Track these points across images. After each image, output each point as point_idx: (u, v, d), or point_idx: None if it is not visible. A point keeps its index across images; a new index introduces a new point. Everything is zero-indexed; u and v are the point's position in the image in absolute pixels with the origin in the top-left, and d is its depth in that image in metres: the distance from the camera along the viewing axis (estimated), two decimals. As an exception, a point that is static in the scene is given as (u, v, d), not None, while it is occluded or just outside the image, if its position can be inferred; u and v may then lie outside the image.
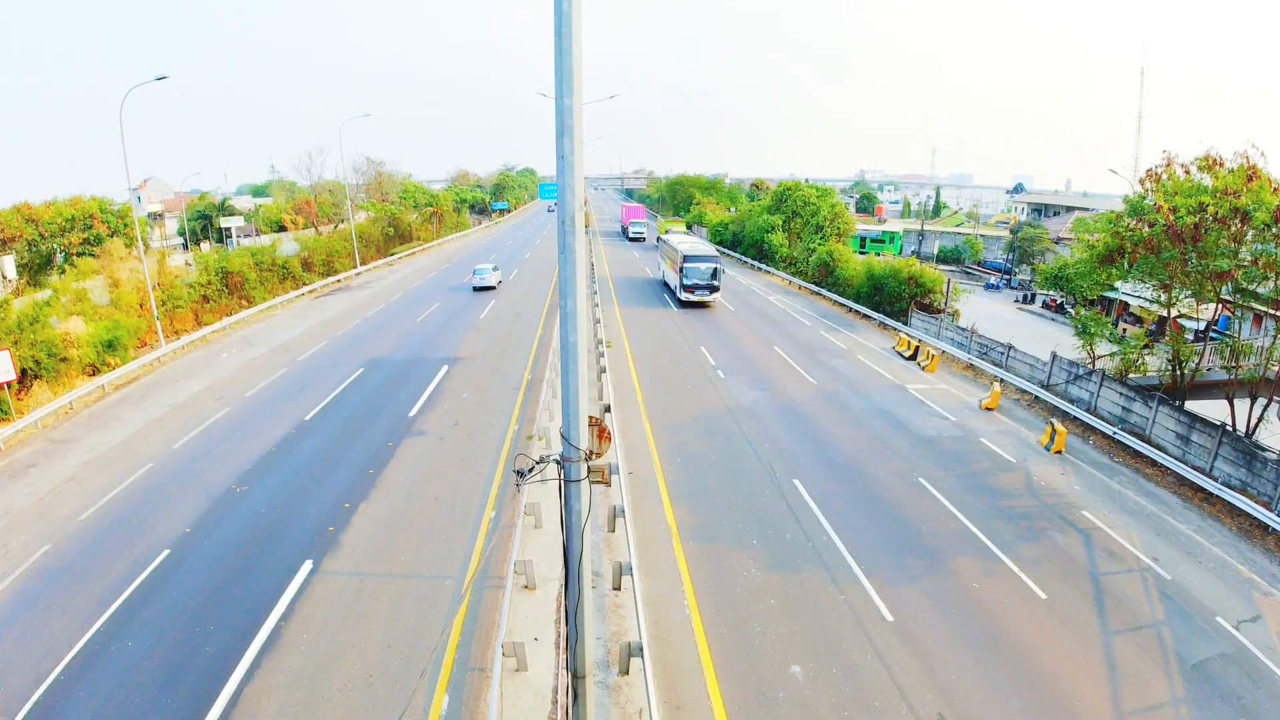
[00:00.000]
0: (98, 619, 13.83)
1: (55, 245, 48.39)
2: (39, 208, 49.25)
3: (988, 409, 26.69)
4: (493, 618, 13.70)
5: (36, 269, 47.89)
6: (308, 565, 15.56)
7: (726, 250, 75.93)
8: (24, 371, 26.54)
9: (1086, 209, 73.50)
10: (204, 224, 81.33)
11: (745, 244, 69.99)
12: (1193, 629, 14.07)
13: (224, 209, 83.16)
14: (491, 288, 50.47)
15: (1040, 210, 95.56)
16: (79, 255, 46.09)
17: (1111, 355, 28.08)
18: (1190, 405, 24.00)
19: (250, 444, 22.25)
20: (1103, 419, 24.72)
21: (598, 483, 7.90)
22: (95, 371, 29.54)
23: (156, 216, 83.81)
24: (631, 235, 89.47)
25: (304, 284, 50.62)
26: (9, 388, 24.86)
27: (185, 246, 76.10)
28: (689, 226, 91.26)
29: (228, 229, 76.09)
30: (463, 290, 50.55)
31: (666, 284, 51.68)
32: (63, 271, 44.59)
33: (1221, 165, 22.69)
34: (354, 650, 12.93)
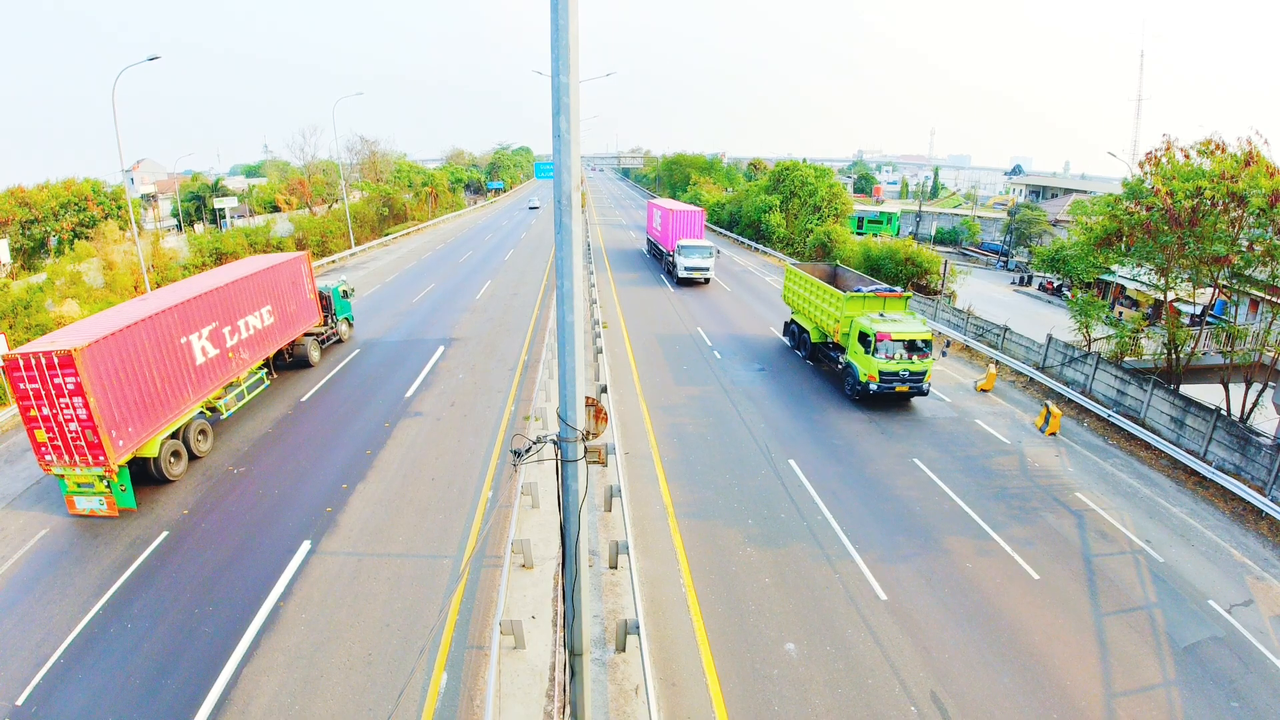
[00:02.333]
0: (97, 602, 13.88)
1: (49, 228, 48.03)
2: (32, 191, 48.82)
3: (983, 390, 26.78)
4: (490, 596, 13.79)
5: (30, 252, 47.58)
6: (306, 546, 15.63)
7: (723, 230, 75.69)
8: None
9: (1085, 191, 73.33)
10: (198, 205, 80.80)
11: (742, 224, 69.79)
12: (1185, 612, 14.22)
13: (217, 190, 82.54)
14: (537, 207, 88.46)
15: (1038, 192, 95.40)
16: (73, 238, 45.76)
17: (1107, 338, 28.14)
18: (1185, 389, 24.09)
19: (247, 425, 22.23)
20: (1098, 402, 24.83)
21: (594, 463, 7.92)
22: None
23: (150, 198, 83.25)
24: (683, 274, 45.52)
25: (299, 265, 50.31)
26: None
27: (179, 228, 75.69)
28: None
29: (221, 210, 75.61)
30: (459, 270, 50.43)
31: None
32: (60, 253, 44.34)
33: (1222, 150, 22.61)
34: (353, 629, 13.02)
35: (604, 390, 23.91)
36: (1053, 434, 22.65)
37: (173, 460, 18.72)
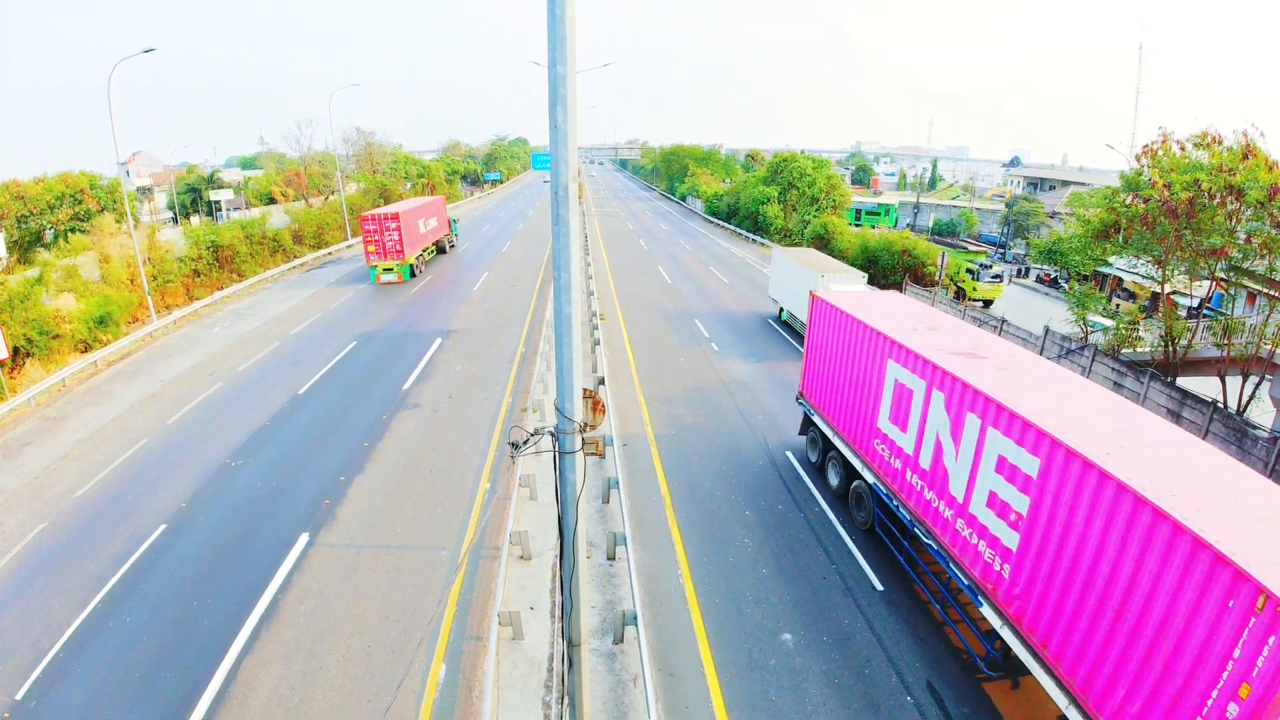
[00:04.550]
0: (95, 595, 13.91)
1: (45, 222, 47.77)
2: (28, 184, 48.50)
3: (981, 383, 26.73)
4: (489, 588, 13.83)
5: (26, 246, 47.33)
6: (304, 538, 15.65)
7: (721, 222, 75.59)
8: (16, 349, 26.37)
9: (1083, 184, 73.29)
10: (193, 197, 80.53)
11: (740, 215, 69.70)
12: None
13: (213, 182, 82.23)
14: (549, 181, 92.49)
15: (1036, 184, 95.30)
16: (69, 231, 45.53)
17: (1104, 330, 28.17)
18: (1182, 381, 24.14)
19: (245, 418, 22.23)
20: (1094, 392, 24.79)
21: (592, 455, 7.91)
22: (87, 348, 29.36)
23: (146, 191, 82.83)
24: None
25: (295, 257, 50.25)
26: (2, 366, 24.70)
27: (175, 220, 75.39)
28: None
29: (217, 202, 75.38)
30: (456, 262, 50.33)
31: None
32: (55, 247, 44.14)
33: (1219, 143, 22.60)
34: (351, 621, 13.06)
35: (601, 382, 23.92)
36: (1049, 425, 22.64)
37: (416, 267, 45.63)
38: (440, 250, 54.58)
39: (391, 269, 42.98)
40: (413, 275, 44.70)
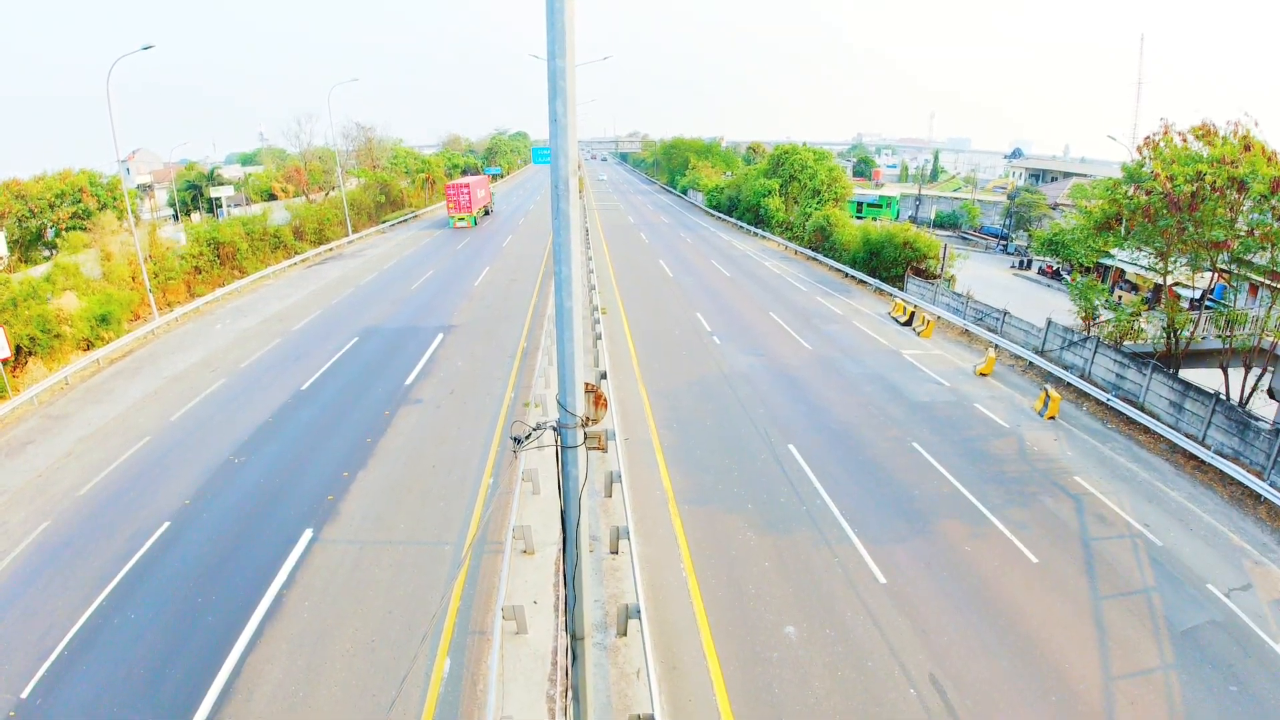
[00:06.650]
0: (100, 593, 13.93)
1: (45, 220, 47.74)
2: (28, 183, 48.44)
3: (982, 375, 26.79)
4: (492, 582, 13.85)
5: (27, 245, 47.33)
6: (308, 534, 15.68)
7: (722, 215, 75.47)
8: (18, 348, 26.39)
9: (1084, 175, 73.03)
10: (194, 194, 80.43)
11: (742, 208, 69.57)
12: (1183, 595, 14.27)
13: (213, 179, 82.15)
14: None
15: (1038, 175, 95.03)
16: (69, 230, 45.46)
17: (1107, 322, 28.09)
18: (1184, 373, 24.08)
19: (247, 415, 22.26)
20: (1097, 385, 24.83)
21: (594, 449, 7.92)
22: (89, 346, 29.37)
23: (146, 188, 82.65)
24: None
25: (296, 253, 50.17)
26: (4, 365, 24.72)
27: (175, 217, 75.32)
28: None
29: (218, 199, 75.36)
30: (457, 257, 50.29)
31: None
32: (54, 247, 44.12)
33: (1217, 134, 22.52)
34: (356, 617, 13.09)
35: (603, 376, 23.92)
36: (1052, 418, 22.68)
37: (477, 220, 68.42)
38: (487, 213, 75.19)
39: (464, 218, 66.49)
40: (475, 224, 67.29)
